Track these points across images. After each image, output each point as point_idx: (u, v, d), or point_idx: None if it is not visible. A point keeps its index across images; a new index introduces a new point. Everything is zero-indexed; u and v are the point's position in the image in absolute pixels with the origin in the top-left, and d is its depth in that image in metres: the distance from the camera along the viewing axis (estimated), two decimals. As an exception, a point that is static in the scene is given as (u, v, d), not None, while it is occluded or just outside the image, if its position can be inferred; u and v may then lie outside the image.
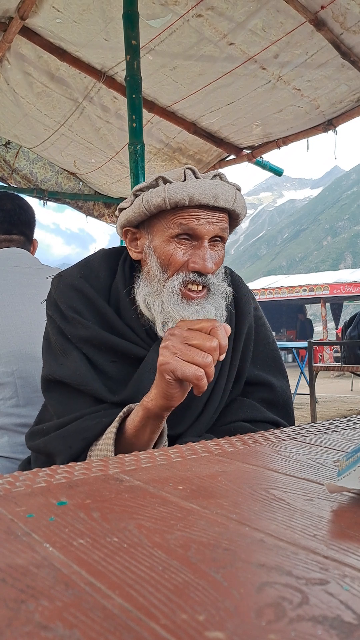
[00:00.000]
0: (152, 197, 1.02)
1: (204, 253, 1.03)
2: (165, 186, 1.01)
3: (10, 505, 0.55)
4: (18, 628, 0.31)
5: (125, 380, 1.07)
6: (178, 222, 1.02)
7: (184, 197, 0.99)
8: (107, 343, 1.07)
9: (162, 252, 1.05)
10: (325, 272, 26.40)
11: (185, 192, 0.99)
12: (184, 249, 1.04)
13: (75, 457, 1.01)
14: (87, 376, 1.05)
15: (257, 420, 1.14)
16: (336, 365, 6.58)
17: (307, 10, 2.50)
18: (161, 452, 0.77)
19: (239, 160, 3.95)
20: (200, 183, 1.01)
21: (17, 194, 1.84)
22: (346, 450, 0.76)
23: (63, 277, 1.15)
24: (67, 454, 1.00)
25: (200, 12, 2.60)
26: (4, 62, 3.26)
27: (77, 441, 1.00)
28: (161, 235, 1.05)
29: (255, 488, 0.59)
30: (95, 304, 1.10)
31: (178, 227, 1.02)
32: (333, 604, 0.33)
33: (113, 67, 3.13)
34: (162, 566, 0.39)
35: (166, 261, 1.05)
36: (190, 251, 1.04)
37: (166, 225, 1.04)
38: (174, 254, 1.04)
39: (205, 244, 1.04)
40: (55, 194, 4.50)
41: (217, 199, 1.02)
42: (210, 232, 1.03)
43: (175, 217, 1.02)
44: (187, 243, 1.04)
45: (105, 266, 1.17)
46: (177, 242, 1.04)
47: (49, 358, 1.13)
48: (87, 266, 1.17)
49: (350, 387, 10.34)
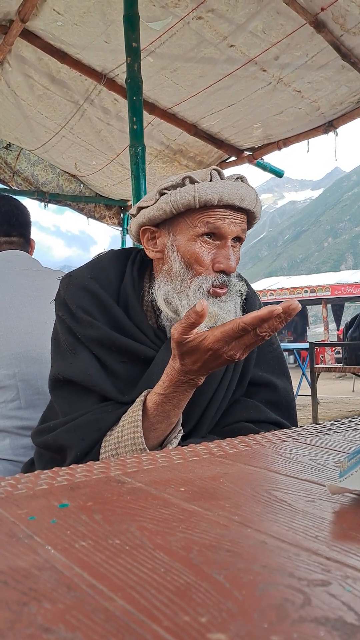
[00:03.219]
0: (181, 196, 1.03)
1: (228, 253, 1.05)
2: (195, 185, 1.02)
3: (12, 507, 0.55)
4: (20, 630, 0.31)
5: (135, 380, 1.07)
6: (205, 221, 1.04)
7: (214, 196, 1.01)
8: (116, 344, 1.08)
9: (186, 251, 1.06)
10: (326, 273, 26.37)
11: (215, 191, 1.01)
12: (208, 248, 1.06)
13: (89, 449, 1.01)
14: (97, 376, 1.05)
15: (260, 421, 1.14)
16: (338, 366, 6.57)
17: (307, 12, 2.51)
18: (162, 453, 0.77)
19: (239, 161, 3.96)
20: (229, 184, 1.03)
21: (11, 195, 1.84)
22: (348, 452, 0.76)
23: (73, 277, 1.16)
24: (80, 446, 1.01)
25: (201, 15, 2.60)
26: (4, 64, 3.27)
27: (91, 432, 1.01)
28: (186, 234, 1.06)
29: (257, 489, 0.59)
30: (105, 305, 1.11)
31: (205, 226, 1.04)
32: (335, 605, 0.33)
33: (114, 69, 3.14)
34: (164, 568, 0.39)
35: (191, 259, 1.06)
36: (215, 250, 1.06)
37: (192, 224, 1.05)
38: (200, 252, 1.05)
39: (229, 243, 1.06)
40: (56, 196, 4.51)
41: (243, 200, 1.04)
42: (233, 232, 1.06)
43: (203, 216, 1.04)
44: (212, 242, 1.06)
45: (115, 267, 1.17)
46: (202, 241, 1.05)
47: (57, 357, 1.13)
48: (96, 267, 1.17)
49: (351, 388, 10.33)
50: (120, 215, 4.91)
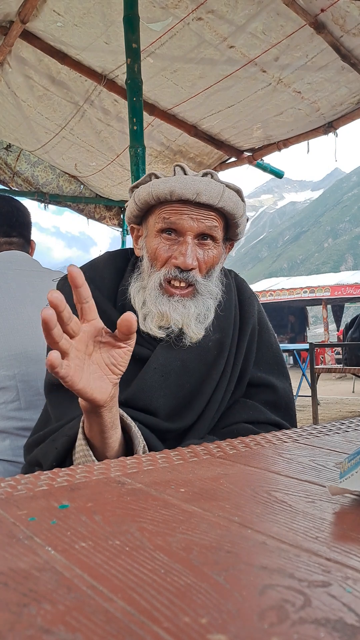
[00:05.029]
0: (141, 192, 1.06)
1: (185, 249, 1.04)
2: (152, 181, 1.04)
3: (12, 508, 0.55)
4: (20, 632, 0.31)
5: (129, 380, 1.07)
6: (162, 217, 1.05)
7: (165, 190, 1.02)
8: None
9: (150, 247, 1.08)
10: (326, 274, 26.37)
11: (166, 186, 1.02)
12: (169, 244, 1.06)
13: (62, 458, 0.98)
14: None
15: (259, 422, 1.14)
16: (338, 367, 6.56)
17: (307, 13, 2.51)
18: (163, 454, 0.77)
19: (239, 162, 3.96)
20: (183, 178, 1.03)
21: (11, 196, 1.84)
22: (348, 452, 0.76)
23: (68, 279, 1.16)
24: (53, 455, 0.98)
25: (201, 16, 2.60)
26: (4, 65, 3.27)
27: (60, 439, 0.98)
28: (151, 230, 1.08)
29: (257, 490, 0.59)
30: (99, 306, 1.10)
31: (162, 222, 1.05)
32: (335, 606, 0.33)
33: (114, 70, 3.14)
34: (164, 569, 0.39)
35: (152, 255, 1.07)
36: (175, 247, 1.06)
37: (154, 221, 1.07)
38: (158, 248, 1.06)
39: (189, 239, 1.05)
40: (57, 197, 4.51)
41: (199, 195, 1.02)
42: (193, 228, 1.05)
43: (161, 212, 1.06)
44: (173, 239, 1.06)
45: (111, 268, 1.18)
46: (163, 238, 1.06)
47: None
48: (92, 268, 1.18)
49: (352, 389, 10.32)
50: (120, 216, 4.92)
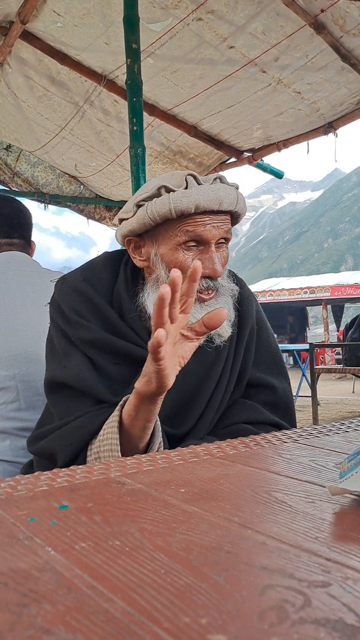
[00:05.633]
0: (157, 208, 1.01)
1: (212, 257, 1.04)
2: (170, 195, 1.00)
3: (12, 509, 0.55)
4: (20, 632, 0.31)
5: (128, 381, 1.07)
6: (185, 230, 1.02)
7: (190, 205, 1.00)
8: (109, 345, 1.07)
9: (170, 260, 1.05)
10: (326, 274, 26.37)
11: (190, 200, 0.99)
12: (192, 255, 1.05)
13: (76, 454, 1.01)
14: (89, 378, 1.05)
15: (259, 422, 1.14)
16: (338, 367, 6.57)
17: (307, 13, 2.51)
18: (163, 454, 0.77)
19: (239, 163, 3.96)
20: (204, 190, 1.01)
21: (13, 197, 1.84)
22: (348, 452, 0.76)
23: (66, 280, 1.16)
24: (68, 451, 1.00)
25: (201, 16, 2.60)
26: (4, 66, 3.27)
27: (77, 436, 1.00)
28: (168, 244, 1.05)
29: (257, 491, 0.59)
30: (97, 307, 1.11)
31: (185, 235, 1.03)
32: (335, 607, 0.33)
33: (114, 70, 3.14)
34: (164, 569, 0.39)
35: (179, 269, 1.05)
36: (199, 256, 1.05)
37: (173, 234, 1.04)
38: (184, 261, 1.04)
39: (213, 248, 1.05)
40: (56, 198, 4.51)
41: (222, 204, 1.02)
42: (216, 236, 1.04)
43: (182, 225, 1.02)
44: (195, 249, 1.05)
45: (108, 269, 1.17)
46: (184, 249, 1.04)
47: (52, 361, 1.13)
48: (89, 269, 1.17)
49: (352, 389, 10.32)
50: (120, 217, 4.91)
